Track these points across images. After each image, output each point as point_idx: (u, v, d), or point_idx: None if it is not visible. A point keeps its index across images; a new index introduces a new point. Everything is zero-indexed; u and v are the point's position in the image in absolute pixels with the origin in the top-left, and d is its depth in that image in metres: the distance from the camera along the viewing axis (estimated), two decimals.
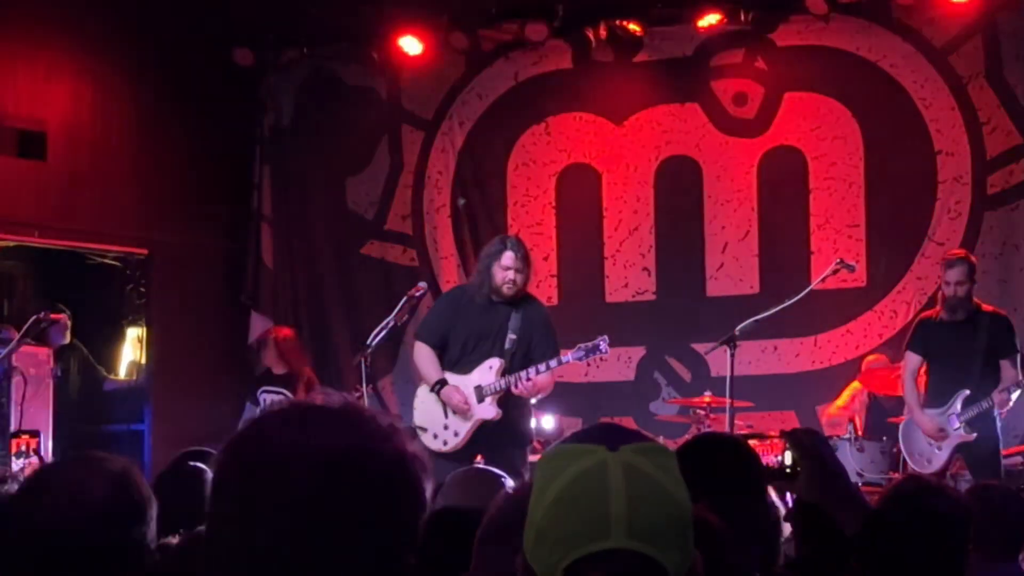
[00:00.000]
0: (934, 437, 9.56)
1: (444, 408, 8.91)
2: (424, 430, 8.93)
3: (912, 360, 9.72)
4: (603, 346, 8.82)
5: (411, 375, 9.57)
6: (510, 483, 4.45)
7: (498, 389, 8.80)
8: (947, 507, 3.55)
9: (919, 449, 9.66)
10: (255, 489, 1.88)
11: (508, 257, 8.79)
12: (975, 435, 9.40)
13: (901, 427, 9.87)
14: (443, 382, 8.90)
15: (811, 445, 3.44)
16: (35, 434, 8.60)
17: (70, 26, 11.71)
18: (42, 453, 9.47)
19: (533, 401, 9.10)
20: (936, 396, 9.63)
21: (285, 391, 11.12)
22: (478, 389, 8.84)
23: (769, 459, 3.60)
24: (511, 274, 8.79)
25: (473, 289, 9.04)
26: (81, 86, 11.83)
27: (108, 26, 11.95)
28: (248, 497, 1.88)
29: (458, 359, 8.95)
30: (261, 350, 11.67)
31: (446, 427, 8.92)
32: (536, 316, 8.96)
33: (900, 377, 9.92)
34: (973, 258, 9.75)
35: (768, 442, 3.69)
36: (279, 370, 11.40)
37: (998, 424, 9.45)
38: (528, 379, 8.70)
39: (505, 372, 8.81)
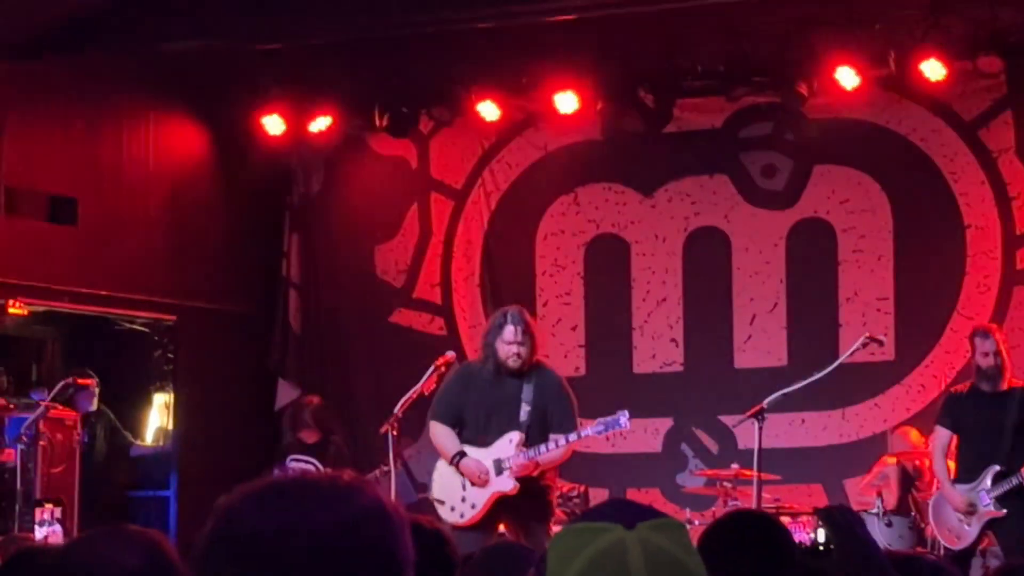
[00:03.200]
0: (964, 513, 9.47)
1: (463, 480, 8.85)
2: (442, 503, 8.88)
3: (942, 435, 9.64)
4: (623, 420, 8.73)
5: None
6: None
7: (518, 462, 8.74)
8: None
9: (949, 525, 9.57)
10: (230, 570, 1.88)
11: (509, 332, 8.76)
12: (1005, 511, 9.31)
13: (931, 502, 9.79)
14: (462, 454, 8.84)
15: (846, 523, 3.40)
16: (59, 502, 8.59)
17: (102, 94, 11.82)
18: (67, 519, 9.46)
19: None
20: (966, 471, 9.54)
21: (314, 460, 11.08)
22: (497, 463, 8.77)
23: (802, 536, 3.56)
24: (515, 348, 8.75)
25: (481, 364, 9.01)
26: (112, 153, 11.90)
27: (139, 94, 12.06)
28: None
29: (474, 435, 8.89)
30: (294, 419, 11.64)
31: (463, 499, 8.84)
32: (550, 386, 8.88)
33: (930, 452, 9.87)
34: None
35: (800, 519, 3.66)
36: (311, 439, 11.37)
37: None
38: (541, 453, 8.65)
39: (524, 444, 8.76)
